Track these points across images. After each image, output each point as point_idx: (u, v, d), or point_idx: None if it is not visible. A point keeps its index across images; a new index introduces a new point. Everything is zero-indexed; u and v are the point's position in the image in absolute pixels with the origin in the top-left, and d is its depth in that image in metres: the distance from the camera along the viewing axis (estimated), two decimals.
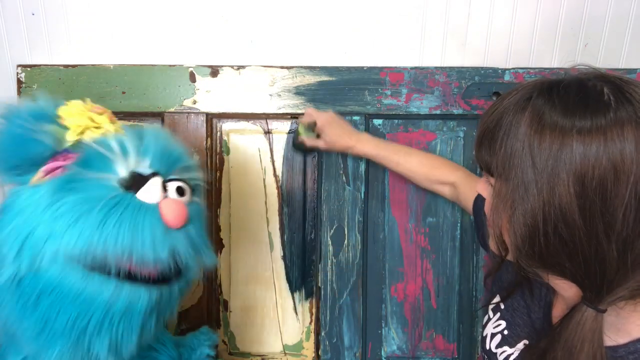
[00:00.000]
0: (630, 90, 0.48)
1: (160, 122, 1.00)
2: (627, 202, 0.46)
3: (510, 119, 0.50)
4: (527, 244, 0.50)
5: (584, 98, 0.48)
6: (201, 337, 0.86)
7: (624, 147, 0.45)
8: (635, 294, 0.50)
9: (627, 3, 0.98)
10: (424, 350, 1.05)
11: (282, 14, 0.99)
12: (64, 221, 0.59)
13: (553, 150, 0.47)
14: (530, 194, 0.48)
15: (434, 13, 0.99)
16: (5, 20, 0.99)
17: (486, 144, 0.53)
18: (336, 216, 1.00)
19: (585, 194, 0.46)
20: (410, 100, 0.99)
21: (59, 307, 0.60)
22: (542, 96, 0.50)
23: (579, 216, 0.47)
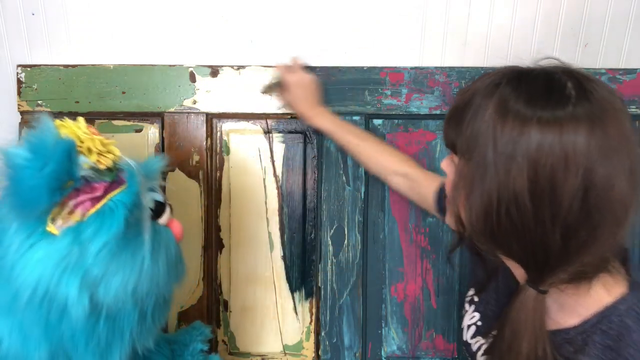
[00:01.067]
0: (591, 87, 0.51)
1: (160, 122, 1.00)
2: (574, 192, 0.48)
3: (479, 102, 0.53)
4: (481, 222, 0.53)
5: (548, 90, 0.51)
6: (193, 332, 0.85)
7: (577, 140, 0.48)
8: (574, 277, 0.54)
9: (627, 3, 0.98)
10: (424, 350, 1.05)
11: (282, 14, 0.99)
12: (116, 261, 0.60)
13: (513, 136, 0.49)
14: (488, 174, 0.51)
15: (434, 13, 0.99)
16: (5, 20, 0.99)
17: (454, 123, 0.56)
18: (336, 216, 1.00)
19: (536, 179, 0.49)
20: (410, 100, 0.99)
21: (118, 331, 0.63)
22: (511, 84, 0.52)
23: (529, 200, 0.49)
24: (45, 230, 0.58)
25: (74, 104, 0.99)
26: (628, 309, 0.54)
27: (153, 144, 1.02)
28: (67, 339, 0.60)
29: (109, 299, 0.60)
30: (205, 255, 1.01)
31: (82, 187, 0.60)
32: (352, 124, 0.97)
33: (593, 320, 0.55)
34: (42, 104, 0.99)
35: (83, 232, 0.58)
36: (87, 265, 0.58)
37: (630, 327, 0.53)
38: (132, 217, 0.61)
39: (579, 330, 0.56)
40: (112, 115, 1.00)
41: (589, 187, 0.48)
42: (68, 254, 0.57)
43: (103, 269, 0.59)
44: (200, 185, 1.00)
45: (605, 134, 0.48)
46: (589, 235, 0.50)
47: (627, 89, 0.98)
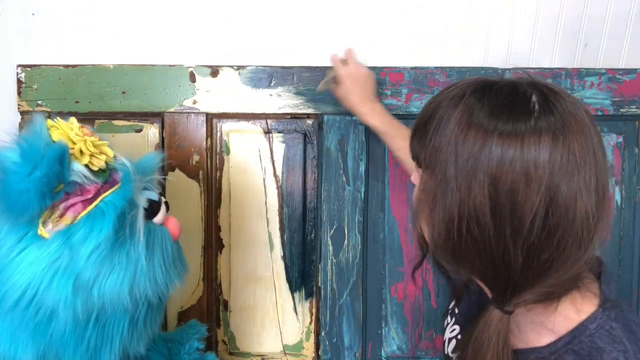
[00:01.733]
0: (555, 101, 0.49)
1: (160, 122, 1.00)
2: (535, 210, 0.46)
3: (442, 114, 0.52)
4: (443, 239, 0.52)
5: (512, 102, 0.49)
6: (189, 330, 0.85)
7: (538, 155, 0.46)
8: (540, 298, 0.52)
9: (627, 3, 0.98)
10: (424, 350, 1.05)
11: (282, 14, 0.99)
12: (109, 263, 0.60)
13: (474, 150, 0.48)
14: (449, 189, 0.50)
15: (434, 13, 0.99)
16: (5, 20, 0.99)
17: (418, 136, 0.55)
18: (336, 216, 1.00)
19: (497, 196, 0.47)
20: (410, 100, 0.99)
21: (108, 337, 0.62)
22: (474, 95, 0.51)
23: (489, 217, 0.48)
24: (36, 233, 0.58)
25: (74, 104, 0.99)
26: (598, 328, 0.52)
27: (153, 144, 1.02)
28: (56, 342, 0.60)
29: (105, 300, 0.59)
30: (205, 255, 1.01)
31: (73, 189, 0.60)
32: (404, 126, 0.91)
33: (565, 339, 0.54)
34: (42, 104, 0.99)
35: (73, 235, 0.58)
36: (78, 269, 0.58)
37: (601, 347, 0.51)
38: (125, 218, 0.61)
39: (552, 349, 0.55)
40: (112, 115, 1.00)
41: (551, 205, 0.46)
42: (58, 258, 0.57)
43: (95, 271, 0.58)
44: (200, 185, 1.00)
45: (568, 149, 0.46)
46: (551, 256, 0.48)
47: (627, 89, 0.98)
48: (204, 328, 0.86)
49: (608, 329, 0.52)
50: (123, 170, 0.64)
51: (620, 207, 1.01)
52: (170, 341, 0.82)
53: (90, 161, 0.62)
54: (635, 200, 1.01)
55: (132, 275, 0.61)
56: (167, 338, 0.83)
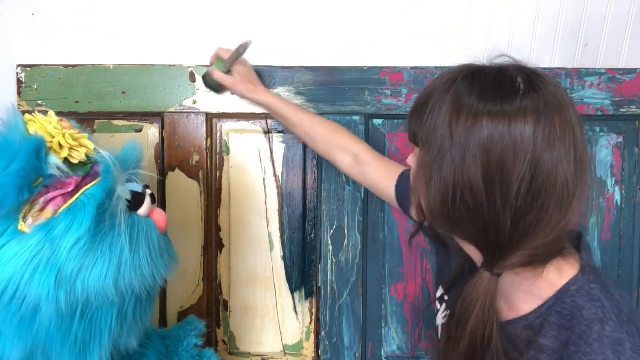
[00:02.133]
0: (539, 82, 0.55)
1: (160, 122, 1.00)
2: (522, 177, 0.53)
3: (437, 97, 0.57)
4: (439, 207, 0.57)
5: (499, 85, 0.55)
6: (187, 327, 0.84)
7: (524, 130, 0.52)
8: (528, 261, 0.57)
9: (627, 3, 0.98)
10: (424, 350, 1.05)
11: (282, 14, 0.99)
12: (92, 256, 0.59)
13: (467, 127, 0.54)
14: (445, 162, 0.55)
15: (434, 13, 0.99)
16: (5, 20, 0.99)
17: (416, 116, 0.61)
18: (336, 216, 1.00)
19: (488, 165, 0.53)
20: (410, 100, 0.99)
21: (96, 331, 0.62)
22: (465, 79, 0.56)
23: (482, 185, 0.54)
24: (16, 229, 0.58)
25: (74, 104, 0.99)
26: (579, 289, 0.58)
27: (153, 144, 1.02)
28: (42, 338, 0.59)
29: (89, 293, 0.59)
30: (205, 255, 1.01)
31: (52, 183, 0.59)
32: (295, 104, 0.95)
33: (549, 302, 0.59)
34: (42, 104, 0.99)
35: (54, 229, 0.58)
36: (60, 262, 0.57)
37: (581, 305, 0.57)
38: (106, 211, 0.61)
39: (537, 314, 0.60)
40: (112, 115, 1.00)
41: (536, 172, 0.52)
42: (39, 252, 0.57)
43: (78, 264, 0.58)
44: (200, 185, 1.00)
45: (550, 124, 0.53)
46: (536, 217, 0.54)
47: (627, 89, 0.98)
48: (202, 324, 0.86)
49: (588, 289, 0.58)
50: (103, 163, 0.63)
51: (620, 207, 1.01)
52: (167, 338, 0.82)
53: (70, 154, 0.61)
54: (635, 200, 1.01)
55: (117, 267, 0.60)
56: (165, 335, 0.82)
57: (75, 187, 0.60)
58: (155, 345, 0.77)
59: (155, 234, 0.67)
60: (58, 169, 0.59)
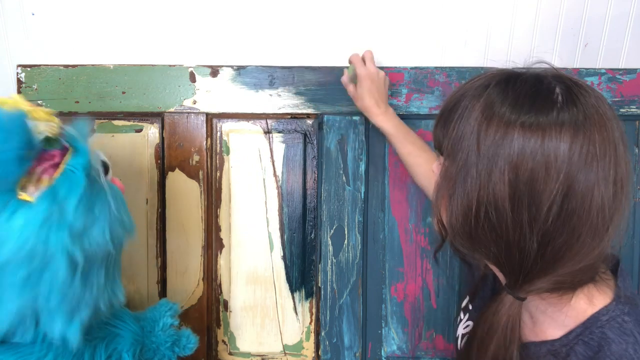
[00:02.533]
0: (579, 94, 0.50)
1: (160, 122, 1.00)
2: (553, 197, 0.48)
3: (466, 103, 0.53)
4: (460, 223, 0.54)
5: (535, 94, 0.50)
6: (161, 308, 0.85)
7: (559, 146, 0.48)
8: (554, 287, 0.53)
9: (627, 3, 0.98)
10: (424, 350, 1.05)
11: (282, 13, 0.99)
12: (90, 213, 0.65)
13: (496, 139, 0.50)
14: (470, 176, 0.51)
15: (434, 13, 0.99)
16: (5, 20, 0.99)
17: (442, 123, 0.56)
18: (336, 216, 1.00)
19: (516, 183, 0.49)
20: (410, 100, 0.99)
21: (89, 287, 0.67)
22: (499, 86, 0.52)
23: (508, 203, 0.50)
24: (18, 199, 0.61)
25: (74, 104, 0.99)
26: (610, 320, 0.53)
27: (153, 144, 1.02)
28: (44, 297, 0.63)
29: (94, 248, 0.65)
30: (205, 255, 1.01)
31: (41, 155, 0.64)
32: (412, 131, 0.92)
33: (577, 331, 0.55)
34: (42, 104, 0.99)
35: (58, 193, 0.62)
36: (69, 221, 0.62)
37: (610, 338, 0.52)
38: (91, 175, 0.67)
39: (564, 342, 0.56)
40: (112, 115, 1.00)
41: (568, 193, 0.48)
42: (50, 215, 0.61)
43: (83, 222, 0.64)
44: (200, 185, 1.00)
45: (589, 141, 0.48)
46: (566, 243, 0.50)
47: (627, 89, 0.98)
48: (177, 305, 0.87)
49: (620, 321, 0.53)
50: (71, 136, 0.68)
51: None
52: (142, 320, 0.82)
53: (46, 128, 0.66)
54: (636, 200, 1.01)
55: (109, 223, 0.67)
56: (139, 317, 0.82)
57: (60, 157, 0.65)
58: (129, 327, 0.78)
59: (120, 193, 0.73)
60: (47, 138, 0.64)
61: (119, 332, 0.76)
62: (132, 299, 1.03)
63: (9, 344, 0.66)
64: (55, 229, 0.61)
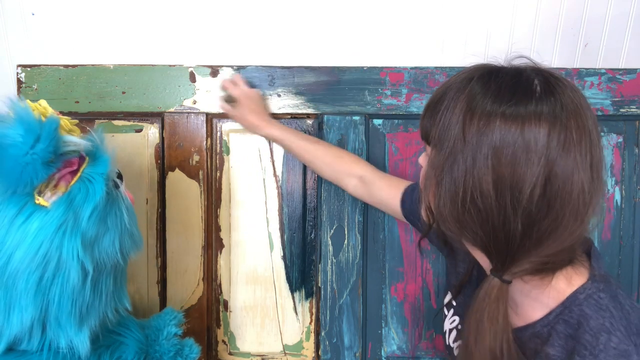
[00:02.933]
0: (557, 85, 0.54)
1: (160, 122, 1.00)
2: (535, 181, 0.51)
3: (452, 95, 0.56)
4: (448, 209, 0.56)
5: (515, 86, 0.53)
6: (166, 317, 0.85)
7: (538, 134, 0.51)
8: (538, 268, 0.56)
9: (627, 3, 0.98)
10: (424, 350, 1.05)
11: (282, 13, 0.99)
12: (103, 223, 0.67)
13: (480, 128, 0.53)
14: (456, 163, 0.54)
15: (434, 13, 0.99)
16: (5, 20, 0.99)
17: (429, 115, 0.59)
18: (336, 216, 1.00)
19: (499, 168, 0.52)
20: (410, 100, 0.99)
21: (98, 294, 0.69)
22: (481, 80, 0.55)
23: (492, 187, 0.52)
24: (34, 203, 0.62)
25: (74, 104, 0.99)
26: (587, 297, 0.56)
27: (153, 144, 1.02)
28: (54, 305, 0.64)
29: (103, 257, 0.66)
30: (205, 255, 1.01)
31: (63, 161, 0.65)
32: (299, 132, 0.98)
33: (556, 311, 0.58)
34: None
35: (74, 200, 0.64)
36: (83, 229, 0.64)
37: (588, 314, 0.55)
38: (108, 184, 0.68)
39: (544, 322, 0.59)
40: (112, 115, 1.00)
41: (550, 176, 0.51)
42: (65, 221, 0.63)
43: (95, 230, 0.65)
44: (200, 185, 1.00)
45: (565, 129, 0.51)
46: (549, 225, 0.53)
47: (627, 89, 0.98)
48: (181, 314, 0.88)
49: (596, 298, 0.56)
50: (94, 145, 0.70)
51: (620, 207, 1.01)
52: (147, 328, 0.82)
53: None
54: (636, 200, 1.01)
55: (120, 232, 0.69)
56: (144, 325, 0.82)
57: (78, 165, 0.67)
58: (134, 335, 0.78)
59: (131, 207, 0.74)
60: (75, 145, 0.66)
61: (123, 340, 0.76)
62: (132, 298, 1.02)
63: (17, 351, 0.66)
64: (69, 236, 0.63)
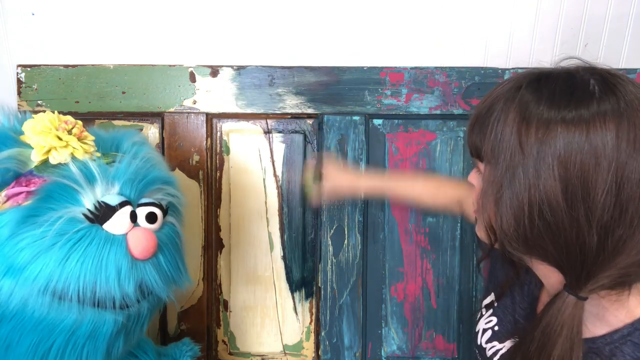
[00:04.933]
0: (615, 82, 0.50)
1: (160, 122, 1.00)
2: (607, 188, 0.48)
3: (501, 106, 0.53)
4: (513, 227, 0.52)
5: (570, 89, 0.50)
6: (183, 347, 0.86)
7: (605, 136, 0.47)
8: (616, 282, 0.52)
9: (627, 3, 0.98)
10: (424, 350, 1.05)
11: (282, 14, 0.99)
12: (24, 256, 0.57)
13: (539, 137, 0.49)
14: (517, 177, 0.51)
15: (434, 13, 0.99)
16: (5, 20, 0.99)
17: (477, 129, 0.56)
18: (336, 216, 1.00)
19: (568, 177, 0.48)
20: (410, 100, 0.99)
21: (20, 332, 0.59)
22: (531, 85, 0.52)
23: (562, 199, 0.49)
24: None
25: (74, 104, 0.99)
26: None
27: (153, 144, 1.02)
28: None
29: (16, 292, 0.57)
30: (205, 255, 1.01)
31: (23, 177, 0.59)
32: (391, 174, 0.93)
33: (623, 331, 0.54)
34: (42, 104, 0.99)
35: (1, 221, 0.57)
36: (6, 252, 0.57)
37: None
38: (51, 216, 0.58)
39: (607, 340, 0.55)
40: (112, 115, 1.00)
41: (622, 181, 0.48)
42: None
43: (7, 263, 0.57)
44: (200, 185, 1.00)
45: (634, 127, 0.48)
46: (624, 233, 0.49)
47: None
48: (197, 347, 0.88)
49: None
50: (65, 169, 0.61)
51: None
52: (163, 355, 0.83)
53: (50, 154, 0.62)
54: None
55: (48, 274, 0.57)
56: (161, 352, 0.83)
57: (39, 186, 0.60)
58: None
59: (116, 254, 0.61)
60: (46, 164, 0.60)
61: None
62: None
63: None
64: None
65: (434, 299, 1.04)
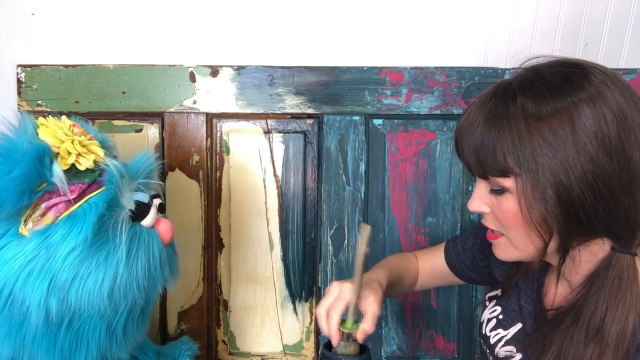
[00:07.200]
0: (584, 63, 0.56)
1: (160, 122, 1.00)
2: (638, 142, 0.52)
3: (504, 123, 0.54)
4: (573, 215, 0.54)
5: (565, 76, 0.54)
6: (182, 346, 0.86)
7: (614, 97, 0.53)
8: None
9: (627, 3, 0.98)
10: (424, 350, 1.05)
11: (282, 13, 0.99)
12: (87, 265, 0.59)
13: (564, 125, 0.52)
14: (560, 170, 0.53)
15: (434, 13, 0.99)
16: (5, 20, 0.99)
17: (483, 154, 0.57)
18: (336, 216, 1.00)
19: (606, 147, 0.52)
20: (410, 100, 0.99)
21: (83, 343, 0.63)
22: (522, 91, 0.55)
23: (609, 167, 0.52)
24: (17, 231, 0.59)
25: (74, 104, 0.99)
26: None
27: (153, 144, 1.02)
28: (29, 343, 0.60)
29: (82, 303, 0.59)
30: (205, 255, 1.01)
31: (56, 189, 0.60)
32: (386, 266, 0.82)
33: None
34: (42, 104, 0.99)
35: (51, 236, 0.58)
36: (54, 270, 0.58)
37: None
38: (107, 220, 0.61)
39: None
40: (112, 115, 1.00)
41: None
42: (35, 257, 0.58)
43: (72, 272, 0.58)
44: (200, 185, 1.00)
45: (623, 85, 0.54)
46: None
47: None
48: (196, 346, 0.88)
49: None
50: (107, 172, 0.63)
51: None
52: (162, 355, 0.83)
53: (77, 160, 0.62)
54: None
55: (112, 278, 0.60)
56: (160, 352, 0.83)
57: (78, 194, 0.61)
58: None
59: (157, 245, 0.67)
60: (58, 178, 0.60)
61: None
62: None
63: None
64: (36, 275, 0.57)
65: (433, 299, 1.04)
